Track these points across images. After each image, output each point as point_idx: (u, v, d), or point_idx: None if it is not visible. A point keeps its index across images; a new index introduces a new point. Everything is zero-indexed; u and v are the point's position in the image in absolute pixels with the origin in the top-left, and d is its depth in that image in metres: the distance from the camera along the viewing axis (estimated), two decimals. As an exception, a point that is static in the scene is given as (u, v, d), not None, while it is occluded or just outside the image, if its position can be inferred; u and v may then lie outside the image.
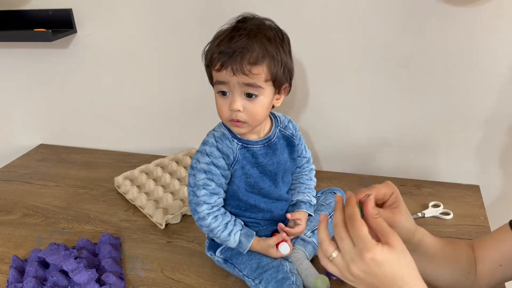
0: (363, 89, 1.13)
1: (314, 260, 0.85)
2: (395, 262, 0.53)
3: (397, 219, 0.65)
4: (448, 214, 1.00)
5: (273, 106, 0.80)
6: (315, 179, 0.94)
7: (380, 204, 0.66)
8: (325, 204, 0.94)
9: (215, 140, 0.81)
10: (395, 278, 0.53)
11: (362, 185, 1.14)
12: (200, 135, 0.84)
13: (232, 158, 0.80)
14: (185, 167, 1.23)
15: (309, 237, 0.88)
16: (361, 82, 1.12)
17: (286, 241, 0.81)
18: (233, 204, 0.85)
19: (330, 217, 0.91)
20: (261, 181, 0.83)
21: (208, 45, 0.76)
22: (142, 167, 1.24)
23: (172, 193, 1.11)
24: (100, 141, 1.42)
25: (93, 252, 0.92)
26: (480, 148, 1.12)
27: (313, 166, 0.94)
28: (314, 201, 0.91)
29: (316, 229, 0.89)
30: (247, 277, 0.81)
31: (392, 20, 1.03)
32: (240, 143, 0.80)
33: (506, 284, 0.80)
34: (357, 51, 1.08)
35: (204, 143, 0.82)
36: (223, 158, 0.80)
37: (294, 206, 0.89)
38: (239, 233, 0.81)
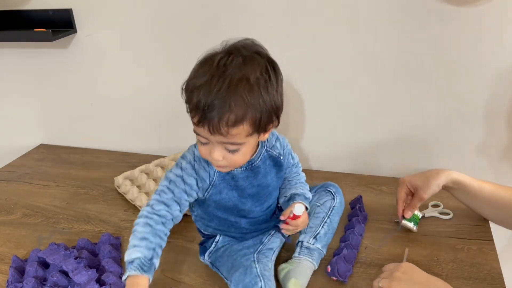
0: (363, 89, 1.13)
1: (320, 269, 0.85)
2: None
3: (422, 195, 0.90)
4: (447, 214, 1.00)
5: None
6: (303, 173, 0.91)
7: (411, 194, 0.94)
8: (319, 205, 0.92)
9: (193, 159, 0.77)
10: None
11: (361, 185, 1.14)
12: (200, 135, 0.84)
13: (208, 183, 0.77)
14: (185, 167, 1.23)
15: (313, 244, 0.85)
16: (360, 82, 1.12)
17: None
18: (216, 222, 0.84)
19: (329, 217, 0.90)
20: (240, 203, 0.80)
21: (187, 81, 0.69)
22: (142, 167, 1.24)
23: (172, 193, 1.11)
24: (100, 141, 1.42)
25: (93, 252, 0.92)
26: (480, 147, 1.12)
27: (299, 165, 0.91)
28: (309, 195, 0.86)
29: (318, 234, 0.87)
30: (225, 278, 0.81)
31: (391, 20, 1.03)
32: None
33: (506, 284, 0.80)
34: (356, 51, 1.08)
35: (183, 156, 0.79)
36: (196, 180, 0.76)
37: (288, 200, 0.84)
38: (140, 254, 0.69)
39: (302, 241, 0.86)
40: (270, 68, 0.69)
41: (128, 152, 1.39)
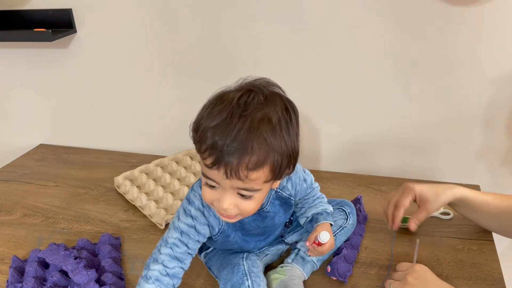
0: (364, 89, 1.13)
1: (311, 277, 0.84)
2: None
3: (430, 209, 0.87)
4: (448, 214, 1.00)
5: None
6: (316, 184, 0.84)
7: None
8: (332, 223, 0.86)
9: (201, 204, 0.71)
10: None
11: (361, 185, 1.14)
12: (200, 135, 0.84)
13: (217, 230, 0.74)
14: (185, 167, 1.23)
15: (309, 256, 0.82)
16: (361, 82, 1.12)
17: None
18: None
19: (335, 235, 0.86)
20: (245, 243, 0.78)
21: (197, 120, 0.63)
22: (142, 167, 1.24)
23: (172, 193, 1.11)
24: (100, 141, 1.42)
25: (93, 252, 0.92)
26: (480, 148, 1.12)
27: (313, 179, 0.84)
28: (329, 208, 0.82)
29: None
30: (216, 277, 0.80)
31: (392, 20, 1.03)
32: None
33: (507, 284, 0.80)
34: (357, 51, 1.08)
35: (190, 202, 0.72)
36: (208, 226, 0.72)
37: (311, 221, 0.80)
38: None
39: (299, 249, 0.84)
40: (290, 108, 0.64)
41: (128, 152, 1.39)
